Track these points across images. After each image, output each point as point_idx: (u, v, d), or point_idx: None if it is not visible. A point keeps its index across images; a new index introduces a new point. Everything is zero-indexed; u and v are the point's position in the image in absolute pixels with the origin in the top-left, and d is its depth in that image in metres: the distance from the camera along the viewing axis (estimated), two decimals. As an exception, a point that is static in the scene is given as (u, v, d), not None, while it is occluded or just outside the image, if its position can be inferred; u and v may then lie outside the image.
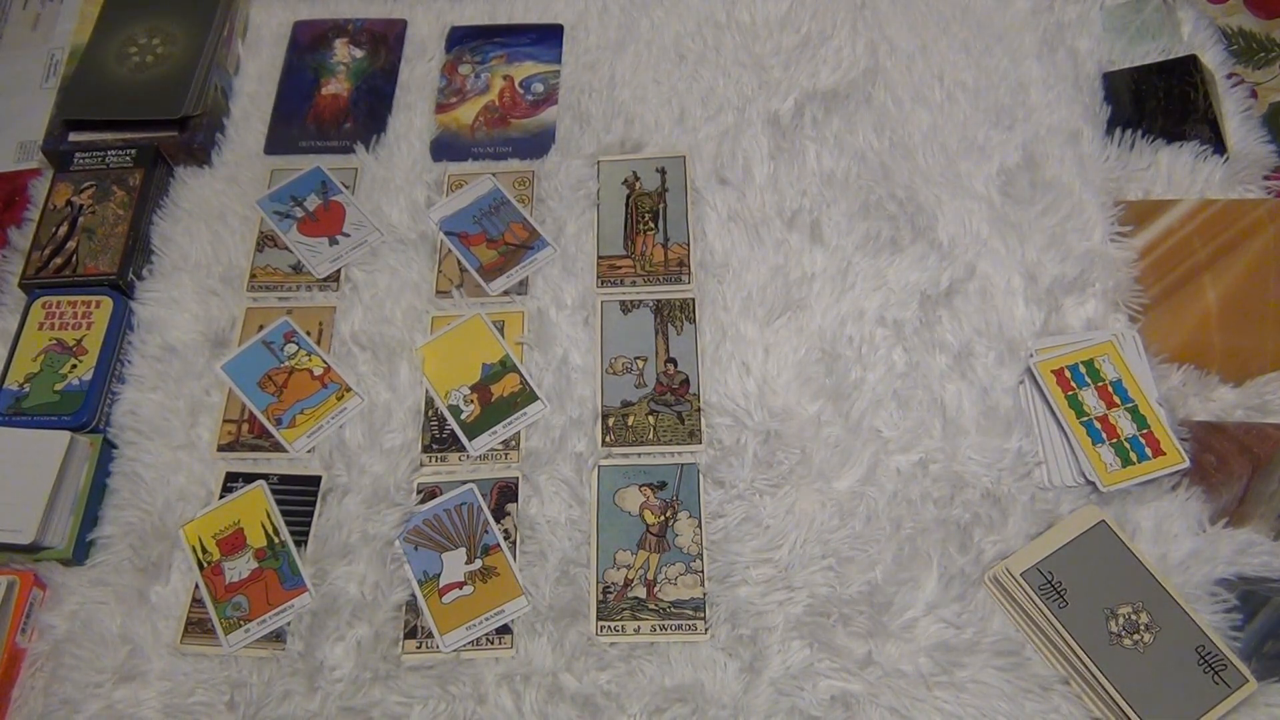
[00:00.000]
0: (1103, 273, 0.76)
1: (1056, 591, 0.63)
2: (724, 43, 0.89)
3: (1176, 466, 0.67)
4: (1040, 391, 0.71)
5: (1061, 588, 0.63)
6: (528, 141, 0.86)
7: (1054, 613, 0.63)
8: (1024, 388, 0.72)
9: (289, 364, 0.76)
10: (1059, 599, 0.63)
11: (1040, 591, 0.63)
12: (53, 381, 0.74)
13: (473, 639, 0.66)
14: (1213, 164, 0.78)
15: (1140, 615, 0.62)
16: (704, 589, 0.67)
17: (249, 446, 0.74)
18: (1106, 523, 0.65)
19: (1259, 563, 0.65)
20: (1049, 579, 0.64)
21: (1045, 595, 0.63)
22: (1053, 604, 0.63)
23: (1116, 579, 0.63)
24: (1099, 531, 0.65)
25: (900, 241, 0.78)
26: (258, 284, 0.80)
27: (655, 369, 0.75)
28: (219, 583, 0.68)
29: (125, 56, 0.87)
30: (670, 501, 0.70)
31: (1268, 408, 0.70)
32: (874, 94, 0.85)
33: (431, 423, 0.74)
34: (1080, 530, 0.65)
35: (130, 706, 0.65)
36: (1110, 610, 0.62)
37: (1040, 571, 0.64)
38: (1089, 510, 0.67)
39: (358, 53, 0.91)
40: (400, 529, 0.70)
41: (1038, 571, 0.64)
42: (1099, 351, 0.71)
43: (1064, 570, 0.64)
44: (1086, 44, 0.86)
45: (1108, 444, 0.69)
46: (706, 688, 0.64)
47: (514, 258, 0.80)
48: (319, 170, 0.84)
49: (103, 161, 0.82)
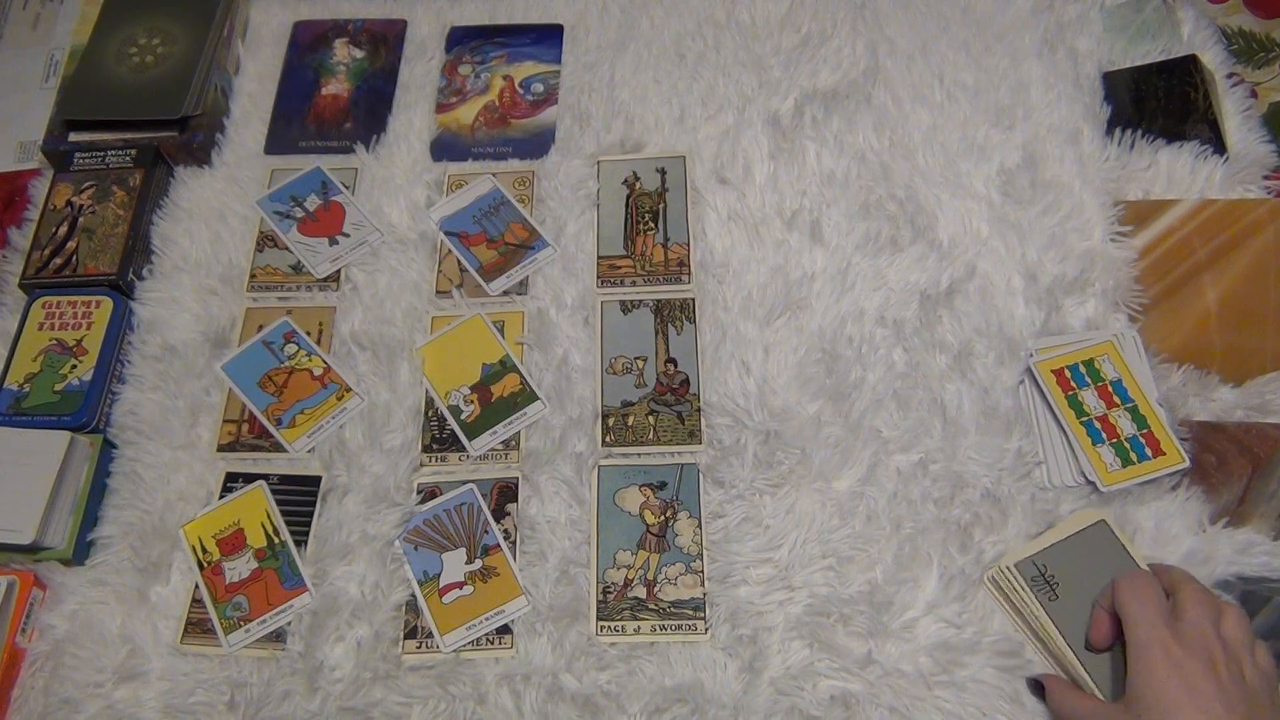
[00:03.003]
0: (1103, 273, 0.75)
1: (1048, 584, 0.63)
2: (724, 43, 0.89)
3: (1177, 466, 0.67)
4: (1040, 391, 0.71)
5: (1053, 581, 0.64)
6: (528, 141, 0.86)
7: (1043, 604, 0.63)
8: (1024, 388, 0.73)
9: (289, 364, 0.76)
10: (1049, 591, 0.63)
11: (1032, 583, 0.64)
12: (53, 381, 0.73)
13: (473, 639, 0.66)
14: (1213, 164, 0.78)
15: None
16: (704, 589, 0.67)
17: (249, 446, 0.74)
18: (1106, 522, 0.65)
19: (1259, 563, 0.65)
20: (1041, 571, 0.64)
21: (1036, 587, 0.63)
22: (1042, 595, 0.63)
23: (1108, 575, 0.62)
24: (1097, 530, 0.65)
25: (900, 241, 0.78)
26: (258, 284, 0.80)
27: (655, 369, 0.75)
28: (219, 583, 0.68)
29: (125, 56, 0.87)
30: (670, 501, 0.70)
31: (1268, 408, 0.70)
32: (874, 94, 0.85)
33: (431, 423, 0.74)
34: (1078, 528, 0.65)
35: (130, 706, 0.65)
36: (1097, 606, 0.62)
37: (1034, 564, 0.64)
38: (1090, 511, 0.67)
39: (358, 53, 0.91)
40: (400, 529, 0.70)
41: (1031, 564, 0.64)
42: (1099, 351, 0.71)
43: (1057, 564, 0.64)
44: (1086, 44, 0.86)
45: (1108, 444, 0.68)
46: (706, 688, 0.64)
47: (514, 258, 0.80)
48: (319, 170, 0.84)
49: (103, 161, 0.82)
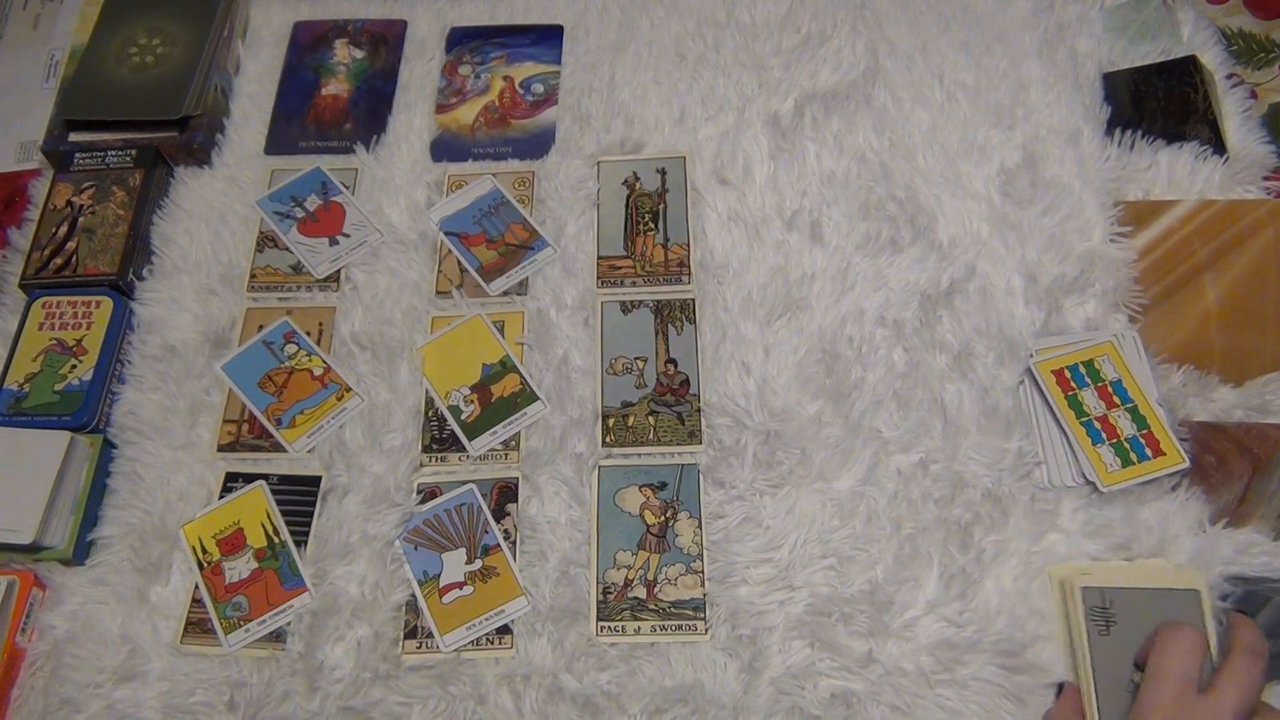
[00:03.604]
0: (1103, 273, 0.75)
1: (1105, 618, 0.61)
2: (724, 43, 0.89)
3: (1176, 467, 0.67)
4: (1040, 391, 0.71)
5: (1112, 619, 0.61)
6: (528, 142, 0.86)
7: (1089, 634, 0.61)
8: (1024, 388, 0.73)
9: (289, 364, 0.76)
10: (1102, 625, 0.61)
11: (1090, 611, 0.61)
12: (53, 382, 0.73)
13: (473, 639, 0.66)
14: (1213, 164, 0.78)
15: None
16: (704, 589, 0.67)
17: (249, 446, 0.74)
18: (1200, 594, 0.62)
19: (1259, 563, 0.65)
20: (1105, 605, 0.61)
21: (1092, 616, 0.61)
22: (1094, 626, 0.61)
23: None
24: (1187, 596, 0.62)
25: (900, 241, 0.78)
26: (258, 284, 0.80)
27: (655, 369, 0.75)
28: (219, 583, 0.68)
29: (125, 57, 0.87)
30: (670, 502, 0.70)
31: (1268, 408, 0.70)
32: (874, 94, 0.85)
33: (431, 423, 0.74)
34: (1170, 585, 0.62)
35: (130, 706, 0.65)
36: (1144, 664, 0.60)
37: (1102, 594, 0.62)
38: (1195, 574, 0.63)
39: (358, 53, 0.91)
40: (400, 529, 0.70)
41: (1100, 593, 0.62)
42: (1099, 352, 0.71)
43: (1126, 607, 0.61)
44: (1086, 44, 0.86)
45: (1107, 444, 0.68)
46: (707, 688, 0.64)
47: (514, 258, 0.80)
48: (319, 170, 0.84)
49: (103, 162, 0.82)
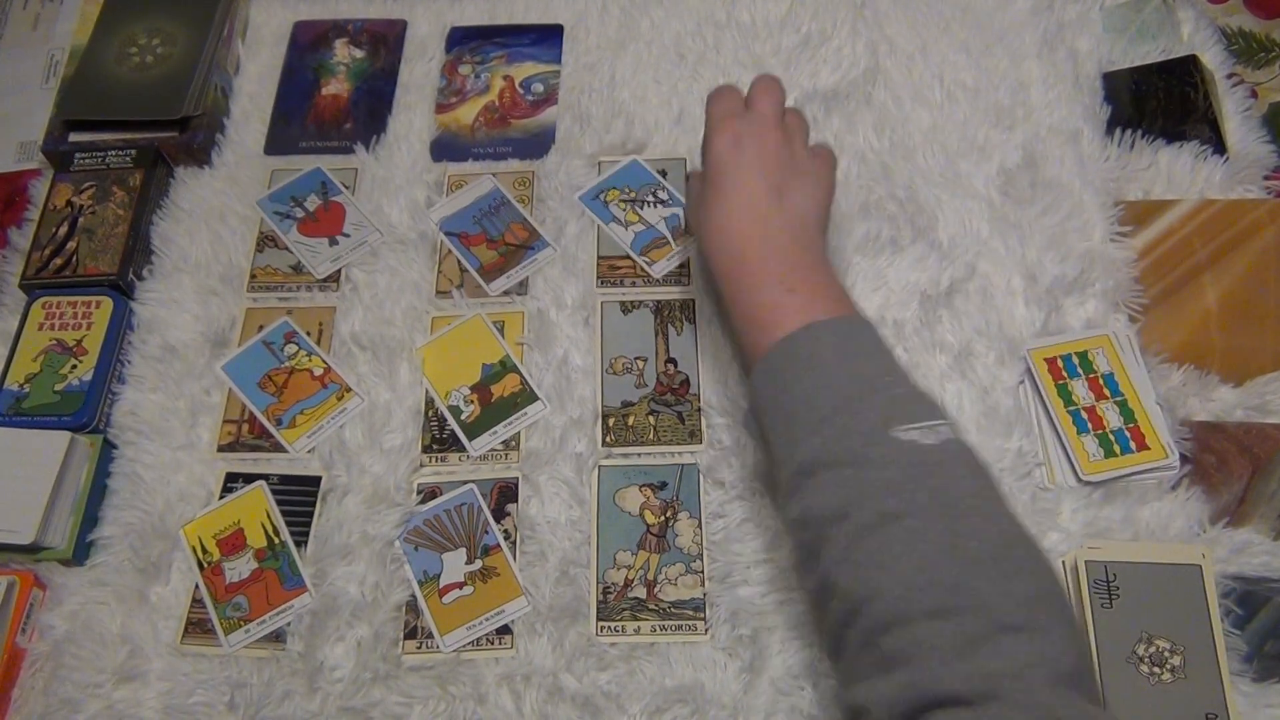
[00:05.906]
0: (1103, 273, 0.75)
1: (1108, 592, 0.61)
2: (724, 43, 0.89)
3: (1160, 461, 0.67)
4: (1033, 379, 0.71)
5: (1116, 592, 0.61)
6: (528, 141, 0.86)
7: (1093, 608, 0.61)
8: (1024, 388, 0.73)
9: (289, 364, 0.76)
10: (1105, 599, 0.61)
11: (1093, 585, 0.61)
12: (53, 382, 0.73)
13: (473, 639, 0.66)
14: (1213, 164, 0.78)
15: (1173, 656, 0.60)
16: (704, 589, 0.67)
17: (249, 447, 0.74)
18: (1203, 568, 0.62)
19: (1259, 563, 0.65)
20: (1109, 578, 0.61)
21: (1096, 589, 0.61)
22: (1097, 600, 0.61)
23: (1174, 615, 0.60)
24: (1189, 571, 0.62)
25: (900, 241, 0.78)
26: (258, 284, 0.80)
27: (655, 369, 0.75)
28: (219, 583, 0.68)
29: (125, 57, 0.87)
30: (670, 502, 0.70)
31: (1268, 408, 0.70)
32: (874, 94, 0.85)
33: (431, 423, 0.74)
34: (1173, 560, 0.62)
35: (130, 706, 0.65)
36: (1148, 635, 0.60)
37: (1106, 568, 0.62)
38: (1196, 548, 0.63)
39: (358, 53, 0.91)
40: (400, 529, 0.70)
41: (1103, 566, 0.62)
42: (1094, 344, 0.71)
43: (1130, 580, 0.61)
44: (1086, 44, 0.86)
45: (1092, 434, 0.68)
46: (707, 688, 0.64)
47: (514, 258, 0.80)
48: (319, 170, 0.84)
49: (103, 162, 0.82)
